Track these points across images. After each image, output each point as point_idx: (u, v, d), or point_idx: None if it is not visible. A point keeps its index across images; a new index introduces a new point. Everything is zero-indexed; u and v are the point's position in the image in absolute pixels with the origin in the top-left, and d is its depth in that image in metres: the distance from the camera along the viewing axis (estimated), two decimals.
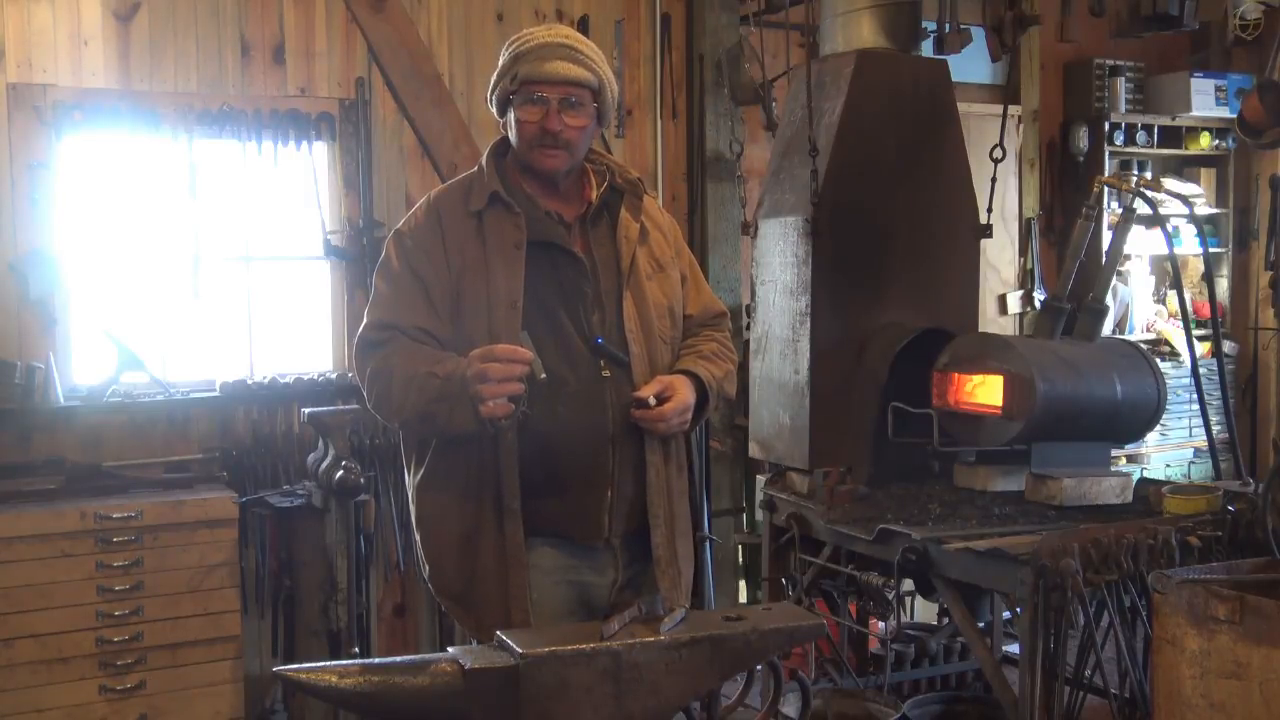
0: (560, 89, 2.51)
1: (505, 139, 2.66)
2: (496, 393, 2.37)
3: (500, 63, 2.57)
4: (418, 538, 2.69)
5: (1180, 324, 6.33)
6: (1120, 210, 4.06)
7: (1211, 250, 6.75)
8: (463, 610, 2.63)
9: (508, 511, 2.52)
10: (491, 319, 2.50)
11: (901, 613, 3.97)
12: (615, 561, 2.66)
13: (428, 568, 2.67)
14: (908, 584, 3.64)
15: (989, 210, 4.22)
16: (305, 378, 4.73)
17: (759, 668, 2.35)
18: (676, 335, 2.73)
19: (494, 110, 2.63)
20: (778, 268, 4.08)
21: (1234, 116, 4.40)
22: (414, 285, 2.55)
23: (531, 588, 2.55)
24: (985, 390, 3.74)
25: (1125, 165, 6.73)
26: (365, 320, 2.59)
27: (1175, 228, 6.43)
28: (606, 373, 2.57)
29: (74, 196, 4.50)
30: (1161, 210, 4.51)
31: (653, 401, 2.54)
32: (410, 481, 2.68)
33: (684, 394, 2.59)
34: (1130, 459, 6.39)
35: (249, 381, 4.67)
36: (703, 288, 2.86)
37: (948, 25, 4.17)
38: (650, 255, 2.69)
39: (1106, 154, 6.55)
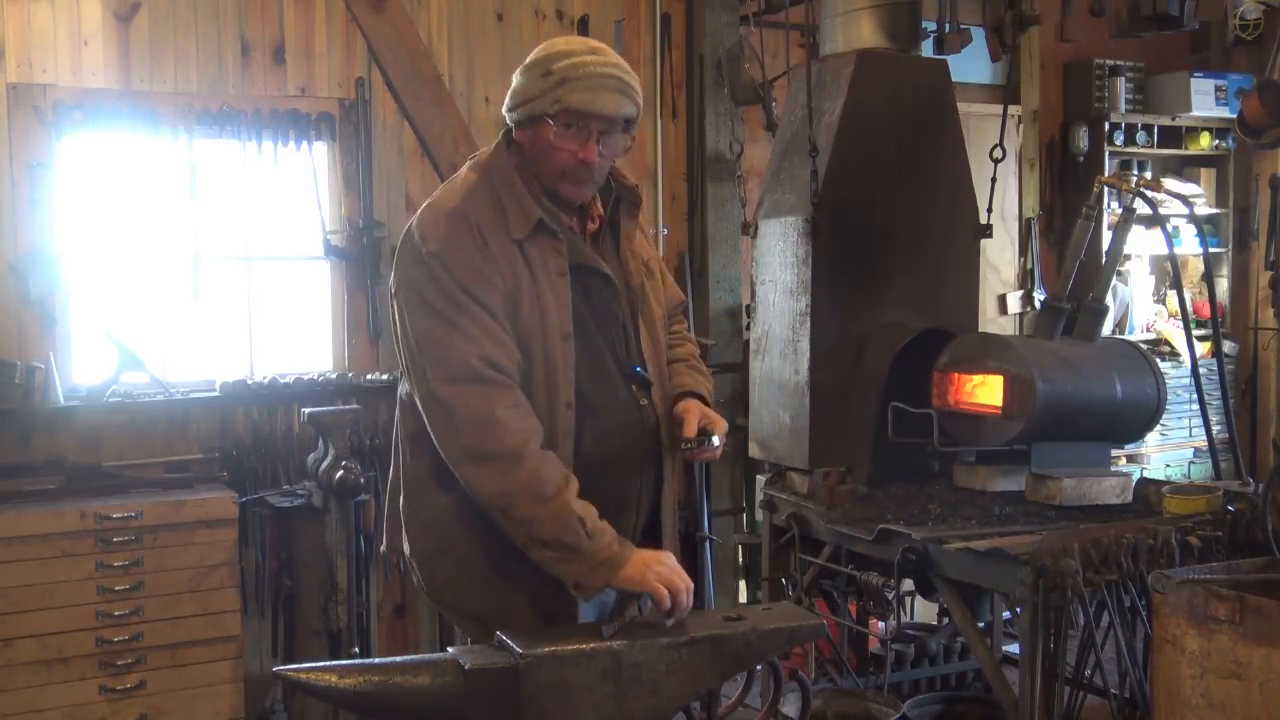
0: (604, 122, 2.43)
1: (507, 143, 2.54)
2: (669, 596, 2.27)
3: (538, 76, 2.41)
4: (429, 565, 2.56)
5: (1180, 324, 6.33)
6: (1120, 210, 4.05)
7: (1211, 250, 6.74)
8: (481, 628, 2.50)
9: None
10: (547, 350, 2.43)
11: (901, 613, 3.97)
12: None
13: (447, 592, 2.57)
14: (908, 584, 3.64)
15: (989, 210, 4.22)
16: (305, 378, 4.73)
17: (759, 668, 2.35)
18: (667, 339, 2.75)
19: (512, 117, 2.48)
20: (778, 268, 4.08)
21: (1234, 116, 4.40)
22: (486, 315, 2.38)
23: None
24: (985, 390, 3.74)
25: (1125, 165, 6.72)
26: (453, 354, 2.36)
27: (1175, 228, 6.42)
28: (644, 401, 2.56)
29: (74, 196, 4.49)
30: (1161, 210, 4.51)
31: (713, 442, 2.53)
32: (426, 510, 2.55)
33: (719, 420, 2.59)
34: (1130, 459, 6.38)
35: (249, 381, 4.67)
36: (668, 279, 2.82)
37: (948, 25, 4.17)
38: (643, 262, 2.67)
39: (1106, 154, 6.53)
